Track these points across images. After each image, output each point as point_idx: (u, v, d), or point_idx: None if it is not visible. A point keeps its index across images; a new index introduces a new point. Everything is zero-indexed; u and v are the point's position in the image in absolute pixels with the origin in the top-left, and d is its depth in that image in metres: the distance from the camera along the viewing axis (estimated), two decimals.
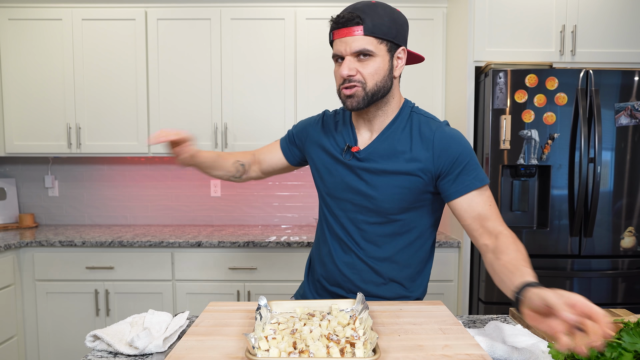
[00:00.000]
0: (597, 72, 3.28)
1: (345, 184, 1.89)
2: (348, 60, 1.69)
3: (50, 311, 3.75)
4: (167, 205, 4.70)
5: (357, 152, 1.85)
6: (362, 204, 1.87)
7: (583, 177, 3.26)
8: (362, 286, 1.92)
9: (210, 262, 3.71)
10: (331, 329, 1.44)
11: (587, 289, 3.37)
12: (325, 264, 2.00)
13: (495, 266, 1.58)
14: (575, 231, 3.33)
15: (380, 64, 1.72)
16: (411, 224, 1.88)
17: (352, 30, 1.66)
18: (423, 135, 1.81)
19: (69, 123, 4.06)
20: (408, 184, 1.79)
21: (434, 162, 1.77)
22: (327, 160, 1.95)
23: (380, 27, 1.66)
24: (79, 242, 3.68)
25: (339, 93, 1.78)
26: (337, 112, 2.04)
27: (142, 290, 3.73)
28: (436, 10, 4.03)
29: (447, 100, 4.03)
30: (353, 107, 1.75)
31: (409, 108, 1.92)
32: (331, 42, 1.76)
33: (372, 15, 1.66)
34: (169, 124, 4.07)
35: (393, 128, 1.85)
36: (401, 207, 1.83)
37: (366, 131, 1.90)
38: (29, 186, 4.67)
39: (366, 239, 1.90)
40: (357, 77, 1.71)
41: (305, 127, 2.09)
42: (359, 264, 1.92)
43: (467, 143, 1.81)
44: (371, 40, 1.67)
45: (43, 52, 4.06)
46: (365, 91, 1.72)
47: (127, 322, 1.60)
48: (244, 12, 4.02)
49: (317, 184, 2.05)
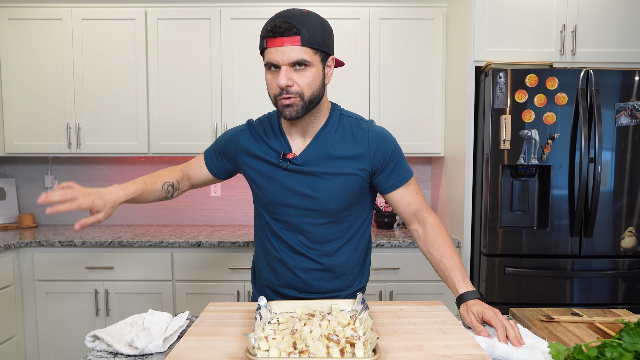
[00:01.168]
0: (598, 72, 3.28)
1: (287, 189, 1.91)
2: (285, 70, 1.69)
3: (50, 311, 3.75)
4: (167, 205, 4.70)
5: (293, 159, 1.89)
6: (306, 207, 1.92)
7: (583, 177, 3.26)
8: (314, 284, 2.00)
9: (210, 262, 3.71)
10: (331, 329, 1.45)
11: (587, 289, 3.37)
12: (275, 269, 2.04)
13: (430, 261, 2.00)
14: (576, 231, 3.33)
15: (316, 73, 1.75)
16: (354, 218, 2.01)
17: (290, 40, 1.66)
18: (356, 135, 1.91)
19: (68, 123, 4.07)
20: (349, 183, 1.90)
21: (370, 160, 1.90)
22: (265, 168, 1.95)
23: (315, 37, 1.69)
24: (79, 242, 3.68)
25: (276, 102, 1.78)
26: (262, 121, 2.04)
27: (142, 290, 3.73)
28: (436, 10, 4.03)
29: (447, 100, 4.03)
30: (292, 116, 1.76)
31: (338, 111, 1.98)
32: (263, 49, 1.75)
33: (307, 25, 1.68)
34: (169, 124, 4.07)
35: (325, 132, 1.92)
36: (345, 205, 1.93)
37: (299, 137, 1.93)
38: (29, 186, 4.67)
39: (314, 240, 1.97)
40: (294, 88, 1.72)
41: (231, 139, 2.06)
42: (311, 264, 1.98)
43: (395, 140, 1.98)
44: (307, 50, 1.69)
45: (43, 52, 4.06)
46: (303, 101, 1.75)
47: (127, 322, 1.60)
48: (243, 12, 4.02)
49: (255, 193, 2.05)
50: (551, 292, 3.37)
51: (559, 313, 1.75)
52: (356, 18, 4.01)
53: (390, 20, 4.02)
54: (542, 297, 3.37)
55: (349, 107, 3.86)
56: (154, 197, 2.08)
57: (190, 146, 4.09)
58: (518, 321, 1.74)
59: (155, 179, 2.07)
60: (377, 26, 4.02)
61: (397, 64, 4.07)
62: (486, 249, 3.39)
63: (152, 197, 2.07)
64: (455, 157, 3.82)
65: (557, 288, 3.37)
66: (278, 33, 1.66)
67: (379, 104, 4.06)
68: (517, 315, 1.76)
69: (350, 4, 4.03)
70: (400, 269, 3.72)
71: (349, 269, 2.03)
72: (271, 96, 1.79)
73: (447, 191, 4.09)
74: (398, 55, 4.06)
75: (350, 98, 4.05)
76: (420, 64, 4.06)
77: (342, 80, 4.02)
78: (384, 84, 4.06)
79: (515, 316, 1.77)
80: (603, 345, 1.25)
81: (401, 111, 4.09)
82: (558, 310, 1.78)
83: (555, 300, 3.37)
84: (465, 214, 3.61)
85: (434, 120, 4.09)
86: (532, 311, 1.78)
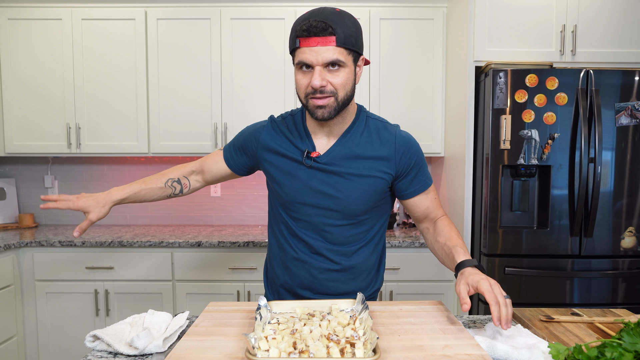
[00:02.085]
0: (598, 72, 3.28)
1: (309, 187, 1.90)
2: (319, 70, 1.67)
3: (50, 311, 3.75)
4: (167, 205, 4.71)
5: (317, 157, 1.88)
6: (328, 207, 1.91)
7: (583, 177, 3.26)
8: (330, 285, 1.99)
9: (210, 262, 3.72)
10: (331, 329, 1.45)
11: (588, 289, 3.37)
12: (291, 269, 2.02)
13: (436, 247, 2.01)
14: (576, 231, 3.33)
15: (349, 73, 1.73)
16: (373, 221, 2.01)
17: (325, 40, 1.64)
18: (383, 138, 1.91)
19: (68, 123, 4.07)
20: (373, 185, 1.89)
21: (395, 164, 1.90)
22: (287, 165, 1.93)
23: (349, 37, 1.67)
24: (79, 242, 3.68)
25: (306, 102, 1.76)
26: (285, 117, 2.02)
27: (142, 290, 3.74)
28: (436, 10, 4.03)
29: (447, 100, 4.04)
30: (324, 117, 1.75)
31: (364, 113, 1.98)
32: (294, 48, 1.72)
33: (342, 25, 1.66)
34: (169, 124, 4.08)
35: (352, 132, 1.91)
36: (367, 207, 1.93)
37: (323, 136, 1.92)
38: (29, 186, 4.68)
39: (333, 241, 1.96)
40: (329, 88, 1.70)
41: (252, 134, 2.04)
42: (329, 264, 1.97)
43: (419, 147, 1.98)
44: (342, 50, 1.67)
45: (43, 52, 4.06)
46: (337, 101, 1.73)
47: (127, 322, 1.60)
48: (243, 12, 4.02)
49: (274, 190, 2.03)
50: (551, 292, 3.37)
51: (559, 313, 1.75)
52: (357, 18, 3.99)
53: (390, 20, 4.03)
54: (542, 297, 3.37)
55: None
56: (157, 195, 2.09)
57: (191, 146, 4.10)
58: (518, 321, 1.74)
59: (159, 176, 2.09)
60: (377, 26, 4.02)
61: (397, 64, 4.07)
62: (486, 249, 3.39)
63: (154, 195, 2.08)
64: (455, 157, 3.82)
65: (557, 288, 3.36)
66: (313, 33, 1.64)
67: (378, 103, 4.06)
68: (517, 315, 1.76)
69: (351, 4, 4.03)
70: (400, 269, 3.72)
71: (365, 271, 2.02)
72: (301, 95, 1.77)
73: (447, 191, 4.09)
74: (398, 55, 4.06)
75: None
76: (420, 63, 4.06)
77: None
78: (384, 84, 4.07)
79: (516, 316, 1.77)
80: (603, 345, 1.25)
81: (401, 111, 4.09)
82: (558, 310, 1.78)
83: (555, 300, 3.37)
84: (465, 214, 3.61)
85: (434, 120, 4.10)
86: (532, 311, 1.78)
